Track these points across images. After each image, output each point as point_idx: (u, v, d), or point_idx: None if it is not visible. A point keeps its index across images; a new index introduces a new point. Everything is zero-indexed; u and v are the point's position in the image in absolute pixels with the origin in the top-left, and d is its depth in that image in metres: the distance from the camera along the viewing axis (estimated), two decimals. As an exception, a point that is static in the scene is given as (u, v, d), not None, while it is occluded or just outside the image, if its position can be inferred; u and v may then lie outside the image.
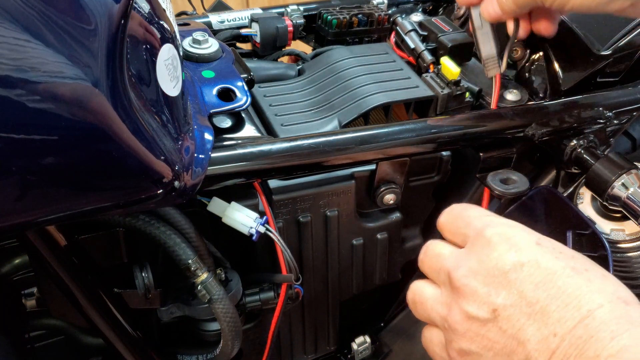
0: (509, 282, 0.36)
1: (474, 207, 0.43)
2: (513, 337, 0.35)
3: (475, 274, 0.37)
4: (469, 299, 0.37)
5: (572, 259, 0.37)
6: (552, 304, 0.34)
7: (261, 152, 0.47)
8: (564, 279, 0.35)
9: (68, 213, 0.35)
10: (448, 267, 0.39)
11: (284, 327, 0.67)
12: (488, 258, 0.37)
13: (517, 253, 0.37)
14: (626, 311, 0.33)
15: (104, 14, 0.31)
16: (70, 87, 0.30)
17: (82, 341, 0.59)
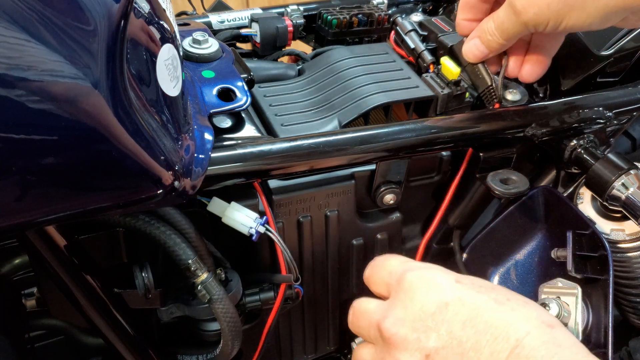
0: (436, 324, 0.36)
1: (395, 256, 0.43)
2: None
3: (402, 322, 0.37)
4: (400, 348, 0.37)
5: (493, 291, 0.37)
6: (482, 339, 0.35)
7: (261, 152, 0.47)
8: (489, 313, 0.36)
9: (68, 213, 0.35)
10: (376, 320, 0.39)
11: (284, 327, 0.67)
12: (412, 303, 0.38)
13: (440, 293, 0.37)
14: (552, 335, 0.34)
15: (103, 14, 0.31)
16: (70, 88, 0.30)
17: (82, 341, 0.59)
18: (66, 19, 0.30)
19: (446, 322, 0.36)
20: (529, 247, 0.63)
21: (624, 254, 0.57)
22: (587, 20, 0.43)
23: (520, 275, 0.62)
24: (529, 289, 0.62)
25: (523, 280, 0.62)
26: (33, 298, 0.53)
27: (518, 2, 0.44)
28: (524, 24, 0.46)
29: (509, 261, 0.63)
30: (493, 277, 0.63)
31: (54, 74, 0.29)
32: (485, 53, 0.52)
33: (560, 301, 0.57)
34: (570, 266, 0.56)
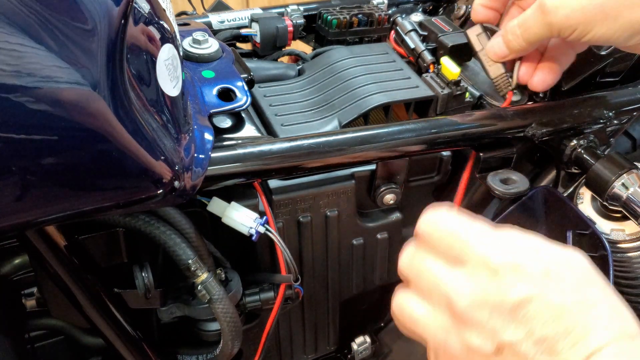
0: (516, 317, 0.34)
1: (466, 221, 0.38)
2: None
3: (480, 306, 0.35)
4: (472, 330, 0.35)
5: (581, 291, 0.35)
6: (560, 342, 0.33)
7: (261, 152, 0.47)
8: (573, 317, 0.33)
9: (68, 213, 0.35)
10: (447, 291, 0.36)
11: (284, 327, 0.67)
12: (495, 291, 0.35)
13: (527, 285, 0.34)
14: (633, 346, 0.32)
15: (103, 14, 0.31)
16: (70, 88, 0.30)
17: (82, 341, 0.59)
18: (65, 19, 0.30)
19: (526, 319, 0.34)
20: (529, 247, 0.63)
21: (624, 254, 0.57)
22: (616, 33, 0.42)
23: (520, 275, 0.62)
24: (529, 289, 0.62)
25: (523, 280, 0.62)
26: (33, 298, 0.53)
27: (549, 1, 0.43)
28: (549, 25, 0.45)
29: (509, 261, 0.63)
30: (493, 277, 0.63)
31: (53, 75, 0.29)
32: (505, 53, 0.51)
33: (560, 301, 0.56)
34: (570, 266, 0.55)
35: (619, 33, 0.42)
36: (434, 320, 0.37)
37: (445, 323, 0.36)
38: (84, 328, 0.58)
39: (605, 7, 0.41)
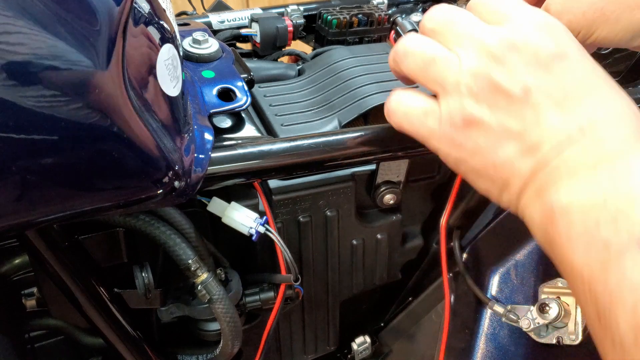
0: (550, 68, 0.35)
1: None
2: (534, 119, 0.34)
3: (517, 50, 0.35)
4: (502, 70, 0.35)
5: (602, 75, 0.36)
6: (585, 100, 0.34)
7: (261, 152, 0.47)
8: (601, 82, 0.35)
9: (68, 213, 0.35)
10: (484, 35, 0.36)
11: (284, 327, 0.67)
12: (536, 40, 0.35)
13: (565, 46, 0.35)
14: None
15: (103, 14, 0.31)
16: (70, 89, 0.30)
17: (82, 341, 0.59)
18: (63, 19, 0.30)
19: (560, 71, 0.35)
20: (529, 247, 0.63)
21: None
22: (618, 35, 0.43)
23: (520, 275, 0.62)
24: (529, 289, 0.62)
25: (523, 280, 0.62)
26: (33, 298, 0.53)
27: (553, 6, 0.43)
28: None
29: (509, 261, 0.63)
30: (493, 277, 0.63)
31: (53, 74, 0.29)
32: None
33: (560, 301, 0.57)
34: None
35: (621, 35, 0.43)
36: (457, 60, 0.36)
37: (472, 62, 0.36)
38: (84, 328, 0.58)
39: (605, 10, 0.42)
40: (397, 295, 0.79)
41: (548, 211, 0.33)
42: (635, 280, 0.27)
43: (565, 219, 0.31)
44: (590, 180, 0.32)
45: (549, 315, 0.56)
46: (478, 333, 0.63)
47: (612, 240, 0.29)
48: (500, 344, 0.62)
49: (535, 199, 0.34)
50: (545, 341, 0.58)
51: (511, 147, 0.35)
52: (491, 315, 0.63)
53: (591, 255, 0.30)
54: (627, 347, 0.27)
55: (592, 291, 0.30)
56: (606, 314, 0.29)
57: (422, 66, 0.38)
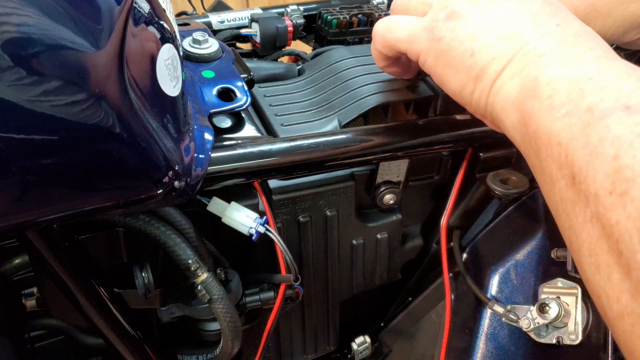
0: None
1: None
2: (517, 15, 0.36)
3: None
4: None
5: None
6: (559, 13, 0.36)
7: (261, 152, 0.47)
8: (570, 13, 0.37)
9: (68, 213, 0.35)
10: None
11: (284, 327, 0.67)
12: None
13: None
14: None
15: (103, 14, 0.31)
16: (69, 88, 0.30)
17: (82, 341, 0.59)
18: (63, 18, 0.30)
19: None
20: (529, 247, 0.63)
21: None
22: (610, 29, 0.43)
23: (520, 275, 0.62)
24: (529, 289, 0.62)
25: (523, 280, 0.62)
26: (33, 298, 0.53)
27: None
28: None
29: (509, 261, 0.63)
30: (493, 277, 0.63)
31: (52, 73, 0.29)
32: None
33: (560, 301, 0.57)
34: (570, 266, 0.56)
35: (613, 29, 0.43)
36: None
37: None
38: (84, 328, 0.58)
39: (596, 5, 0.42)
40: (397, 295, 0.79)
41: (530, 83, 0.33)
42: (617, 133, 0.27)
43: (549, 87, 0.32)
44: (574, 60, 0.32)
45: (549, 315, 0.56)
46: (478, 333, 0.63)
47: (596, 106, 0.29)
48: (500, 344, 0.62)
49: (514, 76, 0.35)
50: (545, 341, 0.58)
51: (491, 35, 0.36)
52: (491, 315, 0.63)
53: (572, 120, 0.30)
54: (602, 197, 0.27)
55: (569, 154, 0.29)
56: (583, 171, 0.28)
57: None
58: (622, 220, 0.25)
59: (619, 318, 0.26)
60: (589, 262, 0.28)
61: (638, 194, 0.25)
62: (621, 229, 0.25)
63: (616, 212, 0.26)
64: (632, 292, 0.25)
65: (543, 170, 0.32)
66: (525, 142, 0.34)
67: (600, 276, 0.27)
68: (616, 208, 0.26)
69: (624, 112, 0.27)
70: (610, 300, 0.27)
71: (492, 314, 0.63)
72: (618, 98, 0.28)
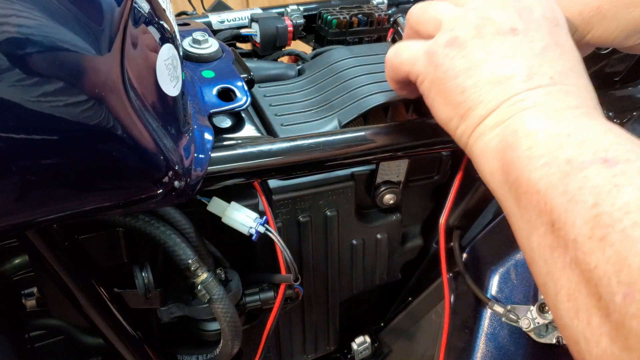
0: (540, 24, 0.39)
1: None
2: (514, 55, 0.37)
3: (516, 2, 0.39)
4: (499, 11, 0.39)
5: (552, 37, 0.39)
6: (560, 59, 0.37)
7: (261, 152, 0.47)
8: (577, 57, 0.39)
9: (68, 213, 0.35)
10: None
11: (284, 327, 0.67)
12: (534, 2, 0.39)
13: (559, 17, 0.40)
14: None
15: (104, 14, 0.31)
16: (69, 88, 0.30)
17: (82, 341, 0.59)
18: (63, 17, 0.30)
19: (545, 30, 0.38)
20: (529, 247, 0.63)
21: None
22: (613, 33, 0.43)
23: (520, 275, 0.62)
24: (529, 289, 0.62)
25: (523, 280, 0.62)
26: (33, 298, 0.53)
27: None
28: None
29: (509, 261, 0.63)
30: (493, 277, 0.63)
31: (53, 74, 0.29)
32: None
33: (560, 301, 0.56)
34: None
35: (617, 33, 0.43)
36: (463, 3, 0.41)
37: (476, 4, 0.40)
38: (84, 328, 0.58)
39: (601, 9, 0.42)
40: (397, 295, 0.79)
41: (509, 136, 0.34)
42: (596, 183, 0.28)
43: (529, 140, 0.33)
44: (557, 117, 0.34)
45: (549, 315, 0.56)
46: (478, 333, 0.63)
47: (575, 158, 0.30)
48: (500, 343, 0.62)
49: (496, 126, 0.36)
50: (545, 341, 0.58)
51: (485, 75, 0.37)
52: (491, 315, 0.63)
53: (551, 171, 0.30)
54: (581, 243, 0.27)
55: (547, 201, 0.30)
56: (562, 218, 0.29)
57: (424, 9, 0.43)
58: (601, 265, 0.26)
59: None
60: (568, 307, 0.28)
61: (616, 239, 0.26)
62: (600, 272, 0.26)
63: (595, 256, 0.26)
64: (611, 335, 0.25)
65: (522, 216, 0.33)
66: (503, 188, 0.35)
67: (579, 321, 0.28)
68: (595, 253, 0.26)
69: (603, 164, 0.29)
70: (590, 345, 0.27)
71: (492, 313, 0.63)
72: (596, 152, 0.29)
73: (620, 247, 0.25)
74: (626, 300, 0.24)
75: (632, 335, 0.24)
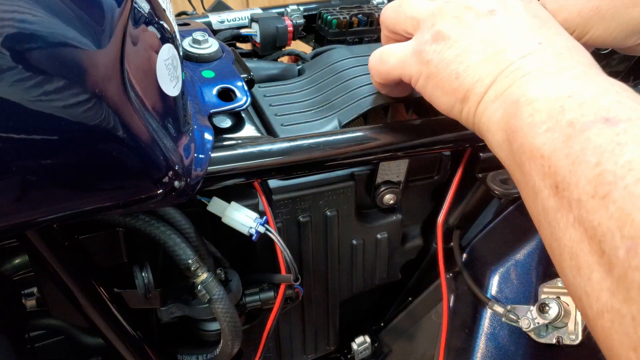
0: (514, 3, 0.39)
1: None
2: (498, 33, 0.38)
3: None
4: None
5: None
6: (543, 27, 0.38)
7: (261, 152, 0.47)
8: (555, 24, 0.39)
9: (68, 213, 0.35)
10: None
11: (284, 327, 0.67)
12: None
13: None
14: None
15: (104, 14, 0.31)
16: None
17: (82, 341, 0.59)
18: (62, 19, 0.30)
19: (522, 6, 0.39)
20: (529, 247, 0.63)
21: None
22: (612, 33, 0.44)
23: (520, 275, 0.62)
24: (529, 289, 0.62)
25: (523, 280, 0.62)
26: (33, 298, 0.53)
27: (549, 4, 0.44)
28: None
29: (509, 261, 0.63)
30: (493, 277, 0.64)
31: (53, 74, 0.29)
32: None
33: (560, 301, 0.57)
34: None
35: (616, 33, 0.43)
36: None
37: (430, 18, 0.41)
38: (84, 328, 0.58)
39: (601, 8, 0.42)
40: (397, 295, 0.79)
41: (511, 105, 0.35)
42: (599, 142, 0.28)
43: (530, 107, 0.33)
44: (554, 80, 0.34)
45: (549, 315, 0.56)
46: (478, 333, 0.63)
47: (577, 120, 0.30)
48: (500, 344, 0.62)
49: (496, 99, 0.37)
50: (545, 341, 0.58)
51: (474, 57, 0.38)
52: (491, 315, 0.63)
53: (554, 135, 0.31)
54: (584, 202, 0.28)
55: (552, 165, 0.31)
56: (566, 179, 0.29)
57: (397, 10, 0.44)
58: (604, 221, 0.27)
59: (598, 316, 0.27)
60: (570, 265, 0.29)
61: (620, 196, 0.26)
62: (603, 229, 0.27)
63: (598, 214, 0.27)
64: (612, 289, 0.26)
65: (527, 182, 0.33)
66: (510, 158, 0.36)
67: (580, 277, 0.28)
68: (598, 210, 0.27)
69: (604, 124, 0.29)
70: (591, 300, 0.28)
71: (492, 314, 0.63)
72: (598, 112, 0.30)
73: (623, 203, 0.26)
74: (629, 254, 0.25)
75: (633, 288, 0.25)
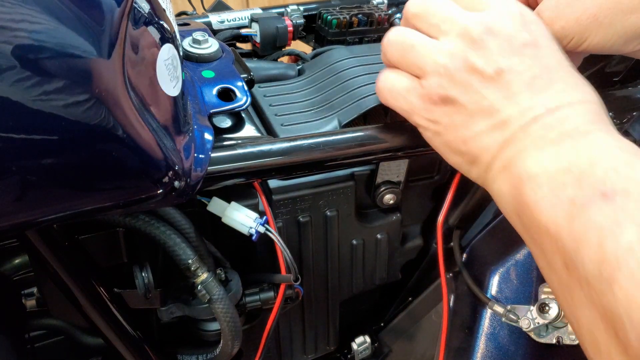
0: (523, 53, 0.38)
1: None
2: (505, 98, 0.37)
3: (494, 35, 0.38)
4: (479, 53, 0.38)
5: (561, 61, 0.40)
6: (552, 85, 0.37)
7: (261, 152, 0.47)
8: (567, 71, 0.38)
9: (68, 213, 0.35)
10: (463, 20, 0.39)
11: (284, 327, 0.67)
12: (509, 26, 0.39)
13: (538, 35, 0.39)
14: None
15: (104, 14, 0.31)
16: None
17: (82, 341, 0.59)
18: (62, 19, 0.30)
19: (532, 56, 0.38)
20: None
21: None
22: (611, 40, 0.43)
23: (520, 275, 0.62)
24: (529, 289, 0.62)
25: (523, 280, 0.62)
26: (33, 298, 0.53)
27: (546, 13, 0.44)
28: None
29: (509, 261, 0.63)
30: (493, 277, 0.64)
31: (53, 74, 0.29)
32: None
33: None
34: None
35: (614, 40, 0.43)
36: (438, 45, 0.40)
37: (452, 46, 0.39)
38: (84, 328, 0.58)
39: (598, 16, 0.42)
40: (397, 295, 0.79)
41: (516, 181, 0.35)
42: (599, 222, 0.29)
43: (533, 184, 0.34)
44: (555, 151, 0.34)
45: (549, 315, 0.56)
46: (478, 333, 0.63)
47: (577, 196, 0.31)
48: (500, 344, 0.62)
49: (503, 171, 0.37)
50: (545, 341, 0.58)
51: (482, 124, 0.38)
52: (491, 315, 0.63)
53: (557, 213, 0.32)
54: (592, 283, 0.29)
55: (558, 243, 0.32)
56: (572, 258, 0.30)
57: (402, 53, 0.42)
58: (612, 306, 0.28)
59: None
60: (590, 341, 0.30)
61: (625, 281, 0.27)
62: (614, 314, 0.27)
63: (607, 298, 0.28)
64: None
65: (539, 257, 0.35)
66: (522, 230, 0.36)
67: (600, 355, 0.29)
68: (606, 294, 0.28)
69: (602, 200, 0.30)
70: None
71: (492, 314, 0.63)
72: (595, 185, 0.31)
73: (629, 289, 0.27)
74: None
75: None
